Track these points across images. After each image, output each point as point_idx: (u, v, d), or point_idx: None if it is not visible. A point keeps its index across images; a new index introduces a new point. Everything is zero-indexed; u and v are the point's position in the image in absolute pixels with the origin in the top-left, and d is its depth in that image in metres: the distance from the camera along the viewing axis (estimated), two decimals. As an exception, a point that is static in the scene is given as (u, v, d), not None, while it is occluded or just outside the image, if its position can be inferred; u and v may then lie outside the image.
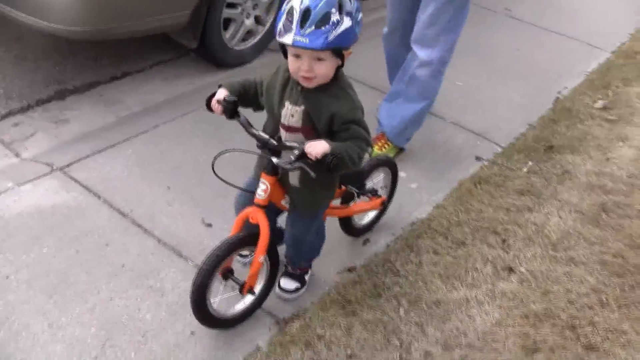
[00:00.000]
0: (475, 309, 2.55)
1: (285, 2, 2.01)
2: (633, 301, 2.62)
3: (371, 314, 2.48)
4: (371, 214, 2.95)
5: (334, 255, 2.79)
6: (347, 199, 2.70)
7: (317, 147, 1.99)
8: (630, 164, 3.56)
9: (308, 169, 2.07)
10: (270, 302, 2.53)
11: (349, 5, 1.99)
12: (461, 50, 3.78)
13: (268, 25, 4.41)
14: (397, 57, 3.53)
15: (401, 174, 3.35)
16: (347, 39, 1.99)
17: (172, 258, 2.70)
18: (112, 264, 2.66)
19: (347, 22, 1.97)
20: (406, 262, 2.75)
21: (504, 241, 2.90)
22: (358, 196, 2.71)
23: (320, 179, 2.14)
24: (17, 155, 3.33)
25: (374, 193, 2.78)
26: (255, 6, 4.26)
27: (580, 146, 3.70)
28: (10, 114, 3.63)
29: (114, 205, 2.95)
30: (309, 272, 2.67)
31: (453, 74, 4.12)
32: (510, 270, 2.74)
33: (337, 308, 2.50)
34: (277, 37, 2.01)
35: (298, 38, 1.94)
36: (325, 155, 1.98)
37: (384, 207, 2.95)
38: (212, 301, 2.33)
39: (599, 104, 4.16)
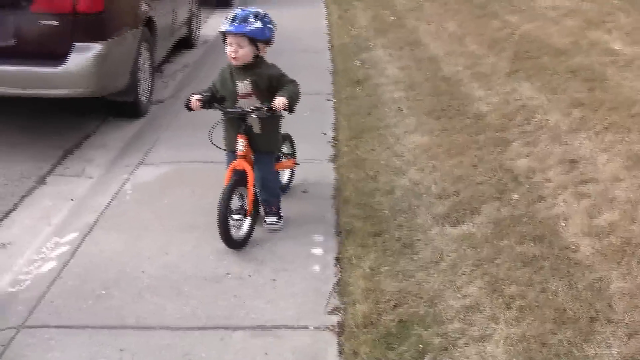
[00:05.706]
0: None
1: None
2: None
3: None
4: (287, 174, 4.16)
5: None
6: (277, 159, 3.92)
7: (281, 102, 3.35)
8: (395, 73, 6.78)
9: (279, 114, 3.47)
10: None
11: (262, 16, 3.44)
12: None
13: (149, 84, 6.36)
14: None
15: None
16: (258, 34, 3.40)
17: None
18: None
19: (258, 24, 3.41)
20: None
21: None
22: (282, 158, 4.01)
23: (273, 126, 3.59)
24: (90, 177, 4.74)
25: (288, 155, 4.12)
26: (144, 72, 6.20)
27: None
28: (53, 167, 4.88)
29: (201, 160, 4.59)
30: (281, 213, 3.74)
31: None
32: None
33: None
34: (219, 29, 3.45)
35: (229, 27, 3.38)
36: (286, 103, 3.35)
37: (295, 165, 4.15)
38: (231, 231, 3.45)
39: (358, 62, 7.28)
